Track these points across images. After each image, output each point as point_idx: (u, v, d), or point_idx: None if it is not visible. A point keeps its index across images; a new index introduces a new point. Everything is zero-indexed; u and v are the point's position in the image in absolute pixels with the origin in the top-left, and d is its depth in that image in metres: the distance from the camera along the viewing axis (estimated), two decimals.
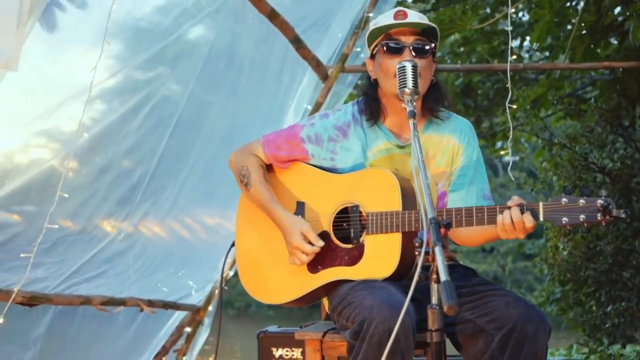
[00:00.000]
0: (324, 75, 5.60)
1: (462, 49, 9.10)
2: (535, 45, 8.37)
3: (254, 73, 4.98)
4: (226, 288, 5.60)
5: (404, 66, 3.11)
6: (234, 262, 5.21)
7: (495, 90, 9.61)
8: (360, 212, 3.26)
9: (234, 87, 4.91)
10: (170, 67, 4.35)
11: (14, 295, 3.60)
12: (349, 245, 3.27)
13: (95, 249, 4.37)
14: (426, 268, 2.52)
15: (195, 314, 5.63)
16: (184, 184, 4.86)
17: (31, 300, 3.87)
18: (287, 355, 4.50)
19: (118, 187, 4.35)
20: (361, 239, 3.24)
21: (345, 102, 5.54)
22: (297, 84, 5.39)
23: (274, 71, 5.12)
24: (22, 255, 3.51)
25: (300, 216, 3.37)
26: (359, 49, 5.79)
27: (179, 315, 5.60)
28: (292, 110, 5.43)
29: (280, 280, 3.42)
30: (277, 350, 4.52)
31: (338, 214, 3.32)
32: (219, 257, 5.50)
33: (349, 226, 3.29)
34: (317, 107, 5.62)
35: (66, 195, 3.43)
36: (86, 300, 4.33)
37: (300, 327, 3.82)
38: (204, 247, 5.47)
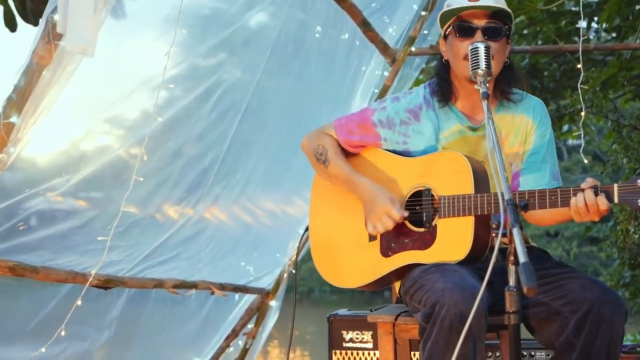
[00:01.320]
0: (391, 59, 5.58)
1: (526, 31, 9.01)
2: (603, 26, 8.25)
3: (322, 58, 4.98)
4: (293, 271, 5.65)
5: (477, 47, 3.08)
6: (302, 246, 5.24)
7: (562, 71, 9.49)
8: (433, 196, 3.25)
9: (301, 72, 4.93)
10: (238, 54, 4.38)
11: (91, 279, 3.67)
12: (422, 229, 3.26)
13: (168, 232, 4.43)
14: (500, 250, 2.51)
15: (265, 297, 5.67)
16: (254, 169, 4.90)
17: (106, 283, 3.94)
18: (357, 338, 4.52)
19: (190, 171, 4.39)
20: (433, 223, 3.23)
21: (412, 87, 5.53)
22: (364, 67, 5.38)
23: (342, 55, 5.11)
24: (99, 238, 3.57)
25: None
26: (426, 32, 5.76)
27: (248, 299, 5.65)
28: (359, 94, 5.43)
29: (354, 264, 3.43)
30: (347, 333, 4.54)
31: (410, 197, 3.32)
32: (287, 241, 5.55)
33: (421, 210, 3.28)
34: (384, 90, 5.61)
35: (141, 179, 3.48)
36: (159, 284, 4.39)
37: (371, 311, 3.83)
38: (273, 230, 5.51)
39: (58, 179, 3.55)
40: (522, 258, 2.32)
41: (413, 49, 5.70)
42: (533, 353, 4.32)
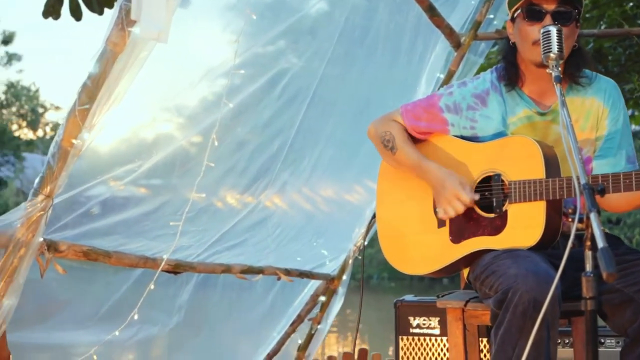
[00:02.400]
0: (456, 43, 5.55)
1: (589, 14, 8.88)
2: None
3: (388, 44, 4.98)
4: (359, 257, 5.66)
5: (549, 31, 3.04)
6: (367, 233, 5.24)
7: (627, 55, 9.34)
8: (503, 181, 3.23)
9: (368, 58, 4.93)
10: (305, 41, 4.39)
11: (163, 263, 3.72)
12: (492, 215, 3.25)
13: (236, 218, 4.47)
14: (570, 236, 2.48)
15: (330, 283, 5.69)
16: (321, 155, 4.92)
17: (176, 268, 3.99)
18: (424, 324, 4.52)
19: (257, 158, 4.43)
20: (504, 208, 3.22)
21: (477, 73, 5.49)
22: (429, 52, 5.36)
23: (408, 41, 5.10)
24: (171, 223, 3.62)
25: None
26: (491, 16, 5.71)
27: (313, 285, 5.67)
28: (424, 79, 5.41)
29: (423, 250, 3.43)
30: (414, 319, 4.54)
31: (479, 183, 3.30)
32: (353, 227, 5.56)
33: (491, 195, 3.26)
34: (449, 75, 5.58)
35: (212, 165, 3.52)
36: (227, 269, 4.43)
37: (437, 297, 3.83)
38: (339, 216, 5.53)
39: (130, 165, 3.60)
40: (600, 243, 2.29)
41: (478, 33, 5.66)
42: (603, 340, 4.28)
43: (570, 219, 3.10)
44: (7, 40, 46.98)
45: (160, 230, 3.87)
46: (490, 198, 3.26)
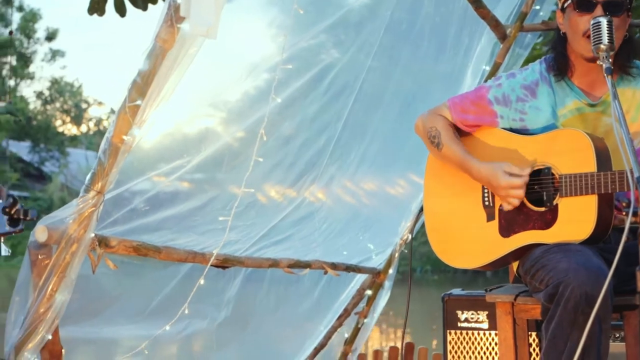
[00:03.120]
0: (502, 35, 5.51)
1: (636, 3, 8.77)
2: None
3: (434, 36, 4.95)
4: (405, 251, 5.65)
5: (599, 22, 3.00)
6: (413, 226, 5.23)
7: None
8: (553, 174, 3.20)
9: (414, 51, 4.92)
10: (352, 34, 4.38)
11: (212, 258, 3.74)
12: (542, 209, 3.22)
13: (284, 212, 4.48)
14: (621, 230, 2.45)
15: (376, 277, 5.69)
16: (367, 149, 4.92)
17: (224, 263, 4.00)
18: (472, 318, 4.49)
19: (305, 152, 4.43)
20: (554, 202, 3.19)
21: (523, 65, 5.45)
22: (475, 45, 5.33)
23: (453, 33, 5.07)
24: (220, 218, 3.63)
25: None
26: (537, 7, 5.66)
27: (360, 278, 5.67)
28: (469, 72, 5.37)
29: (472, 244, 3.41)
30: (462, 313, 4.52)
31: (529, 176, 3.27)
32: (399, 221, 5.55)
33: (541, 189, 3.24)
34: (495, 67, 5.54)
35: (261, 160, 3.53)
36: (274, 263, 4.44)
37: (486, 290, 3.80)
38: (385, 210, 5.52)
39: (179, 161, 3.62)
40: None
41: (524, 24, 5.61)
42: None
43: (623, 213, 3.07)
44: (51, 37, 47.48)
45: (209, 225, 3.89)
46: (541, 192, 3.23)
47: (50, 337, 3.19)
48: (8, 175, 43.73)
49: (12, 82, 47.95)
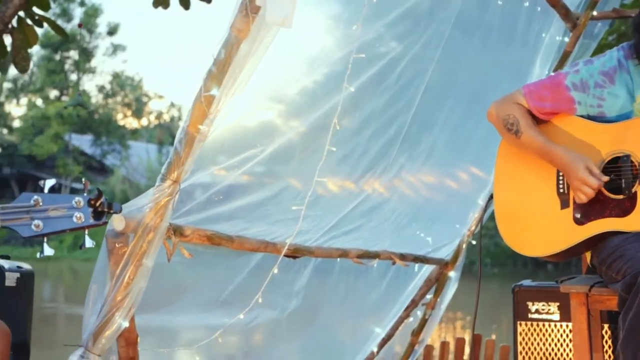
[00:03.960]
0: (572, 24, 5.43)
1: None
2: None
3: (504, 26, 4.91)
4: (473, 242, 5.63)
5: None
6: (482, 217, 5.20)
7: None
8: (632, 162, 3.16)
9: (484, 41, 4.88)
10: (422, 24, 4.36)
11: (285, 248, 3.75)
12: (620, 196, 3.18)
13: (354, 202, 4.48)
14: None
15: (444, 268, 5.67)
16: (437, 139, 4.90)
17: (295, 253, 4.01)
18: (543, 309, 4.45)
19: (375, 142, 4.42)
20: (633, 189, 3.14)
21: (594, 54, 5.37)
22: (544, 34, 5.27)
23: (523, 22, 5.02)
24: (293, 207, 3.64)
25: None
26: None
27: (427, 269, 5.65)
28: (538, 62, 5.31)
29: (544, 232, 3.38)
30: (532, 304, 4.48)
31: (606, 164, 3.23)
32: (467, 211, 5.52)
33: (619, 177, 3.19)
34: (565, 57, 5.47)
35: (334, 149, 3.53)
36: (344, 253, 4.44)
37: (556, 282, 3.76)
38: (454, 200, 5.50)
39: (253, 150, 3.64)
40: None
41: (595, 13, 5.53)
42: None
43: None
44: (112, 31, 48.10)
45: (281, 215, 3.90)
46: (619, 179, 3.19)
47: (127, 324, 3.23)
48: (71, 168, 44.44)
49: (74, 76, 48.65)
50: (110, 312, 3.18)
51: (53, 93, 49.03)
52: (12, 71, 6.31)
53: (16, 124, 48.74)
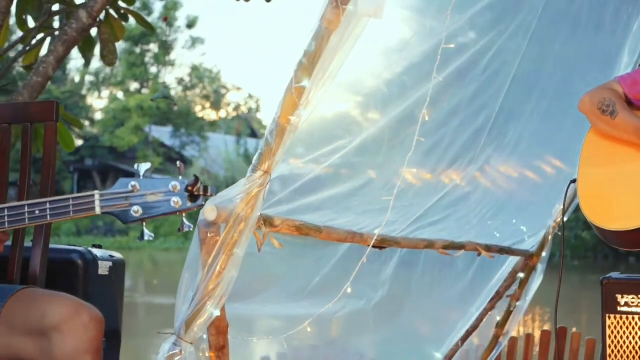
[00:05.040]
0: None
1: None
2: None
3: (592, 14, 4.83)
4: (559, 233, 5.55)
5: None
6: (568, 207, 5.14)
7: None
8: None
9: (572, 30, 4.81)
10: (510, 13, 4.31)
11: (374, 239, 3.76)
12: None
13: (441, 193, 4.47)
14: None
15: (529, 260, 5.61)
16: (524, 130, 4.85)
17: (381, 243, 4.01)
18: (633, 302, 4.38)
19: (462, 132, 4.40)
20: None
21: None
22: (634, 21, 5.16)
23: (612, 10, 4.92)
24: (383, 198, 3.65)
25: None
26: None
27: (512, 261, 5.61)
28: (627, 49, 5.21)
29: (631, 206, 3.37)
30: (622, 297, 4.41)
31: None
32: (554, 203, 5.45)
33: None
34: None
35: (423, 140, 3.53)
36: (429, 244, 4.43)
37: None
38: (540, 192, 5.44)
39: (342, 141, 3.65)
40: None
41: None
42: None
43: None
44: (191, 24, 48.68)
45: (369, 206, 3.91)
46: None
47: (218, 313, 3.27)
48: (151, 159, 45.13)
49: (154, 69, 49.35)
50: (202, 301, 3.23)
51: (133, 86, 49.88)
52: (94, 65, 6.44)
53: (98, 116, 49.72)
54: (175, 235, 39.20)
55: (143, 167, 2.53)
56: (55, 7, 5.83)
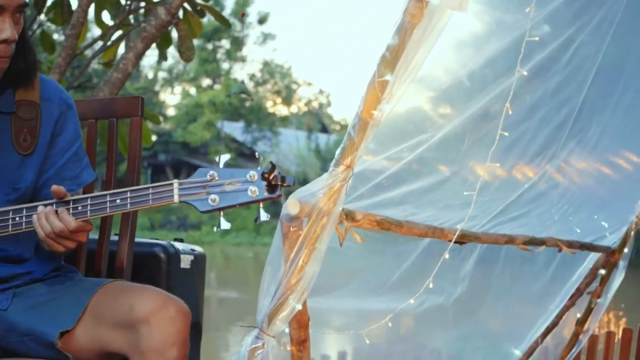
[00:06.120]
0: None
1: None
2: None
3: None
4: None
5: None
6: None
7: None
8: None
9: None
10: (595, 3, 4.24)
11: (457, 234, 3.73)
12: None
13: (522, 188, 4.41)
14: None
15: (610, 256, 5.51)
16: (607, 123, 4.76)
17: (462, 238, 3.97)
18: None
19: (545, 126, 4.34)
20: None
21: None
22: None
23: None
24: (465, 193, 3.62)
25: None
26: None
27: (592, 257, 5.52)
28: None
29: None
30: None
31: None
32: (636, 199, 5.34)
33: None
34: None
35: (506, 134, 3.49)
36: (510, 239, 4.37)
37: None
38: (622, 187, 5.33)
39: (424, 135, 3.63)
40: None
41: None
42: None
43: None
44: (262, 20, 48.91)
45: (450, 200, 3.88)
46: None
47: (300, 307, 3.28)
48: (223, 154, 45.50)
49: (226, 65, 49.75)
50: (285, 295, 3.24)
51: (206, 82, 50.35)
52: (167, 61, 6.54)
53: (171, 112, 50.29)
54: (247, 230, 39.51)
55: (224, 157, 2.56)
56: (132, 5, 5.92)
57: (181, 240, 4.25)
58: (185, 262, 4.05)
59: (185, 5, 5.82)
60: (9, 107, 2.91)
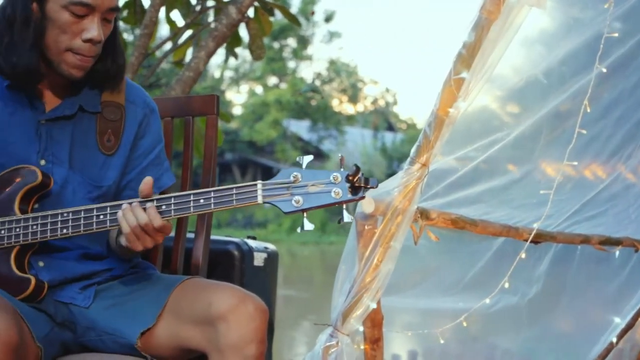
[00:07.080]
0: None
1: None
2: None
3: None
4: None
5: None
6: None
7: None
8: None
9: None
10: None
11: (533, 233, 3.70)
12: None
13: (599, 187, 4.35)
14: None
15: None
16: None
17: (537, 238, 3.93)
18: None
19: (622, 124, 4.27)
20: None
21: None
22: None
23: None
24: (541, 192, 3.58)
25: None
26: None
27: None
28: None
29: None
30: None
31: None
32: None
33: None
34: None
35: (584, 132, 3.44)
36: (585, 239, 4.31)
37: None
38: None
39: (499, 133, 3.60)
40: None
41: None
42: None
43: None
44: (328, 19, 48.97)
45: (525, 199, 3.84)
46: None
47: (374, 306, 3.28)
48: (289, 153, 45.66)
49: (292, 64, 49.93)
50: (359, 293, 3.24)
51: (272, 80, 50.56)
52: (233, 60, 6.57)
53: (237, 111, 50.61)
54: (314, 229, 39.44)
55: (307, 159, 2.55)
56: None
57: (254, 238, 4.27)
58: (259, 260, 4.07)
59: (256, 3, 5.85)
60: (95, 107, 2.94)
